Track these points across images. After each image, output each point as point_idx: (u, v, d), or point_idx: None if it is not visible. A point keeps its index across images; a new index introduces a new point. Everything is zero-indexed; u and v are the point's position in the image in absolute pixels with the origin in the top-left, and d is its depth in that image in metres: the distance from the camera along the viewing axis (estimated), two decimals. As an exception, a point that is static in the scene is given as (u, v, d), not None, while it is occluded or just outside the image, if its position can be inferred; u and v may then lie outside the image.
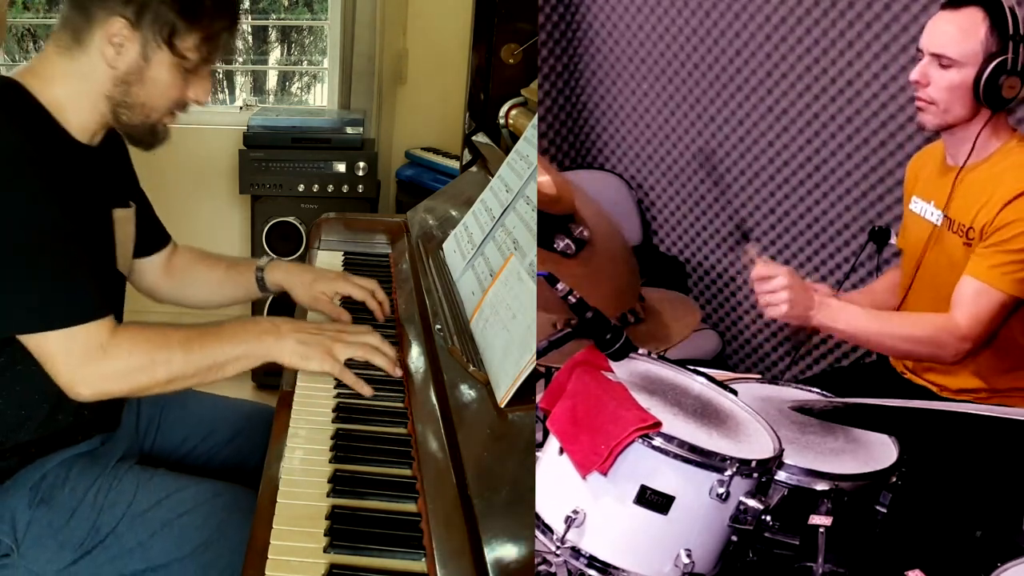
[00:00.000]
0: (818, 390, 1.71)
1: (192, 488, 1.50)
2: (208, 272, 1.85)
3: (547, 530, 1.32)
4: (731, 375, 1.73)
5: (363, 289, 1.79)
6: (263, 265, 1.82)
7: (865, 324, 1.71)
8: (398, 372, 1.52)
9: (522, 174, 1.76)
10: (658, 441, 1.27)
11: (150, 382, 1.40)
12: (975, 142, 1.72)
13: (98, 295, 1.39)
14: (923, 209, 1.84)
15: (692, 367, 1.55)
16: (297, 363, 1.47)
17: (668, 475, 1.28)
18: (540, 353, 1.32)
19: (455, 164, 3.30)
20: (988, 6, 1.66)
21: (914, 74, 1.71)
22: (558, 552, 1.30)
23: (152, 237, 1.76)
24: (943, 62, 1.68)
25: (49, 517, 1.45)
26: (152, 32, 1.41)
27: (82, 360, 1.36)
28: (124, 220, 1.61)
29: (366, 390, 1.48)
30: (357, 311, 1.77)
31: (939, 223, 1.79)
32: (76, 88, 1.44)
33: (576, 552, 1.30)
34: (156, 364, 1.40)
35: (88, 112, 1.46)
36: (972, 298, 1.65)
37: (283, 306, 1.96)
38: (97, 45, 1.41)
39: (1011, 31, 1.65)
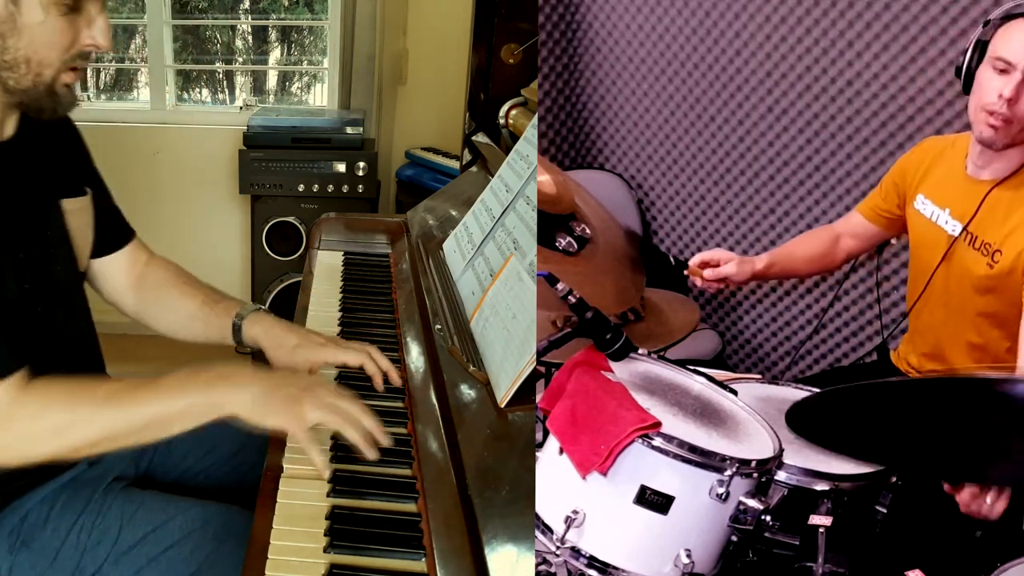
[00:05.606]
0: (819, 390, 1.71)
1: (179, 518, 1.38)
2: (181, 300, 1.60)
3: (547, 530, 1.32)
4: (731, 375, 1.73)
5: (359, 353, 1.49)
6: (244, 313, 1.55)
7: None
8: (373, 455, 1.27)
9: (522, 174, 1.76)
10: (658, 441, 1.27)
11: (75, 443, 1.22)
12: (1007, 158, 1.61)
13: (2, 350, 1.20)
14: (935, 214, 1.76)
15: (692, 367, 1.55)
16: (253, 417, 1.25)
17: (668, 475, 1.28)
18: (540, 353, 1.32)
19: (455, 164, 3.30)
20: None
21: (1007, 90, 1.53)
22: (558, 552, 1.30)
23: (111, 232, 1.55)
24: None
25: (31, 560, 1.36)
26: None
27: None
28: (78, 210, 1.43)
29: (325, 474, 1.27)
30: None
31: (957, 234, 1.70)
32: None
33: (576, 552, 1.30)
34: (77, 423, 1.21)
35: None
36: None
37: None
38: None
39: None
